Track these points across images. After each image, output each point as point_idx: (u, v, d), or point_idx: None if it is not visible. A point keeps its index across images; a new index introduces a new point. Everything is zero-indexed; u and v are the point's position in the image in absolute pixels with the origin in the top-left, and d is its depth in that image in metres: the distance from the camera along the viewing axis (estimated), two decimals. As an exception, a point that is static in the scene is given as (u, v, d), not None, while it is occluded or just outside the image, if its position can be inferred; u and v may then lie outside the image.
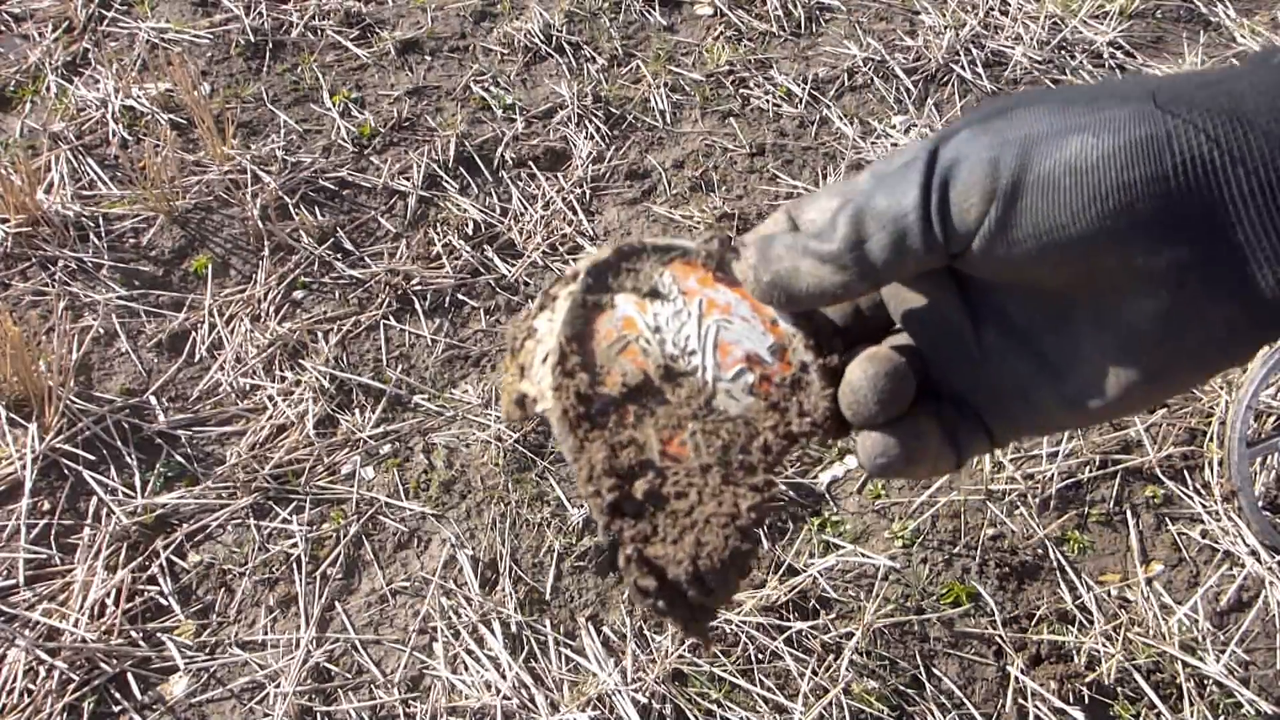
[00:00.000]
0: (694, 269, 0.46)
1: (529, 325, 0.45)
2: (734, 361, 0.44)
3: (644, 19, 2.57)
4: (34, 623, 1.45)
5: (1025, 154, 0.34)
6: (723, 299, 0.45)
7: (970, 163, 0.35)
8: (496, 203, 2.12)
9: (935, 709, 1.43)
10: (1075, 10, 2.62)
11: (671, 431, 0.43)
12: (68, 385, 1.72)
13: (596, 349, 0.44)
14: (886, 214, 0.37)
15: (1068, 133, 0.34)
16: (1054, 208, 0.34)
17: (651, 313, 0.45)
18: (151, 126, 2.20)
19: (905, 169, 0.37)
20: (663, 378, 0.43)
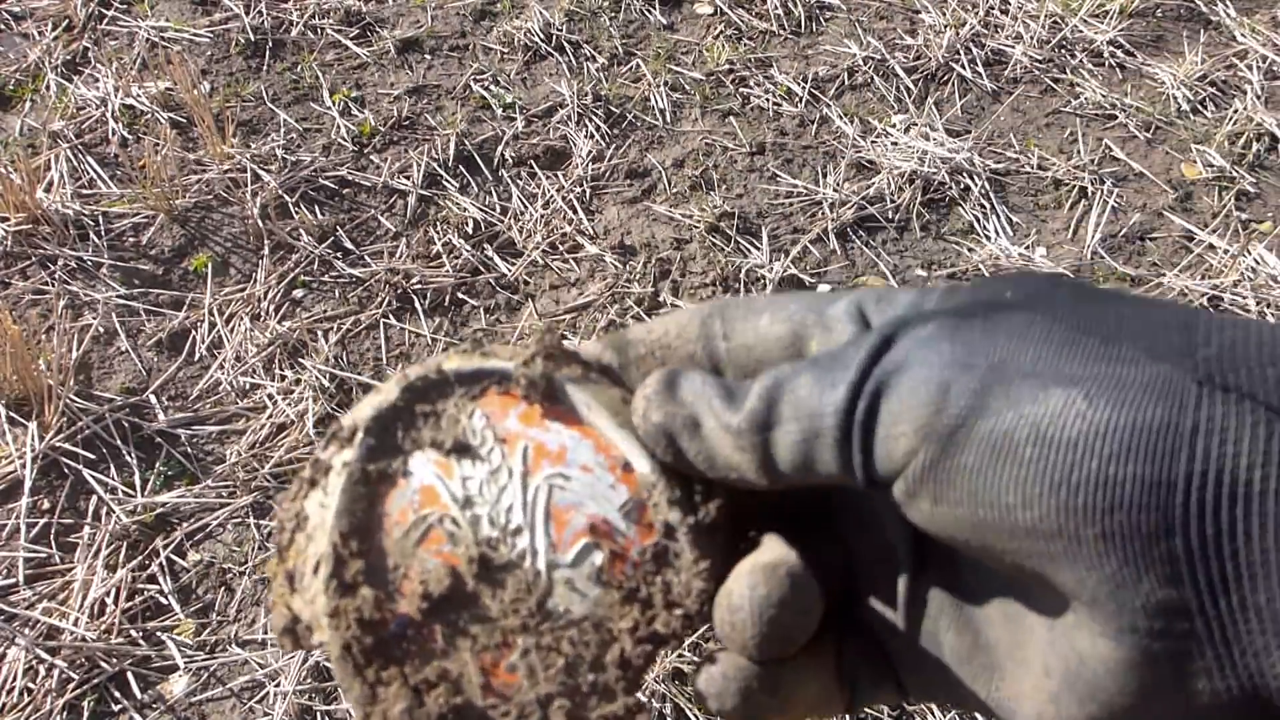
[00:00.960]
0: (513, 400, 0.34)
1: (298, 510, 0.34)
2: (574, 535, 0.33)
3: (644, 18, 2.57)
4: (34, 622, 1.45)
5: (985, 391, 0.26)
6: (555, 442, 0.34)
7: (914, 379, 0.27)
8: (496, 201, 2.12)
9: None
10: (1075, 9, 2.62)
11: (496, 653, 0.32)
12: (67, 384, 1.72)
13: (386, 543, 0.33)
14: (804, 405, 0.29)
15: (1053, 381, 0.25)
16: (1001, 479, 0.25)
17: (460, 476, 0.33)
18: (151, 125, 2.20)
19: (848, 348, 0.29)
20: (478, 575, 0.32)
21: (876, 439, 0.28)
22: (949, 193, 2.17)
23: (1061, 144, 2.32)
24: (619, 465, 0.33)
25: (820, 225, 2.08)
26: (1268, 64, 2.50)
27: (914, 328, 0.28)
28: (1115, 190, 2.21)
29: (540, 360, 0.35)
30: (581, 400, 0.34)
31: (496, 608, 0.32)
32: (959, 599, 0.31)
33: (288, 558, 0.34)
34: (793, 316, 0.33)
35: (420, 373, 0.35)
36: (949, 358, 0.27)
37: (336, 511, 0.33)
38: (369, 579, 0.32)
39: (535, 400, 0.34)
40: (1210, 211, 2.18)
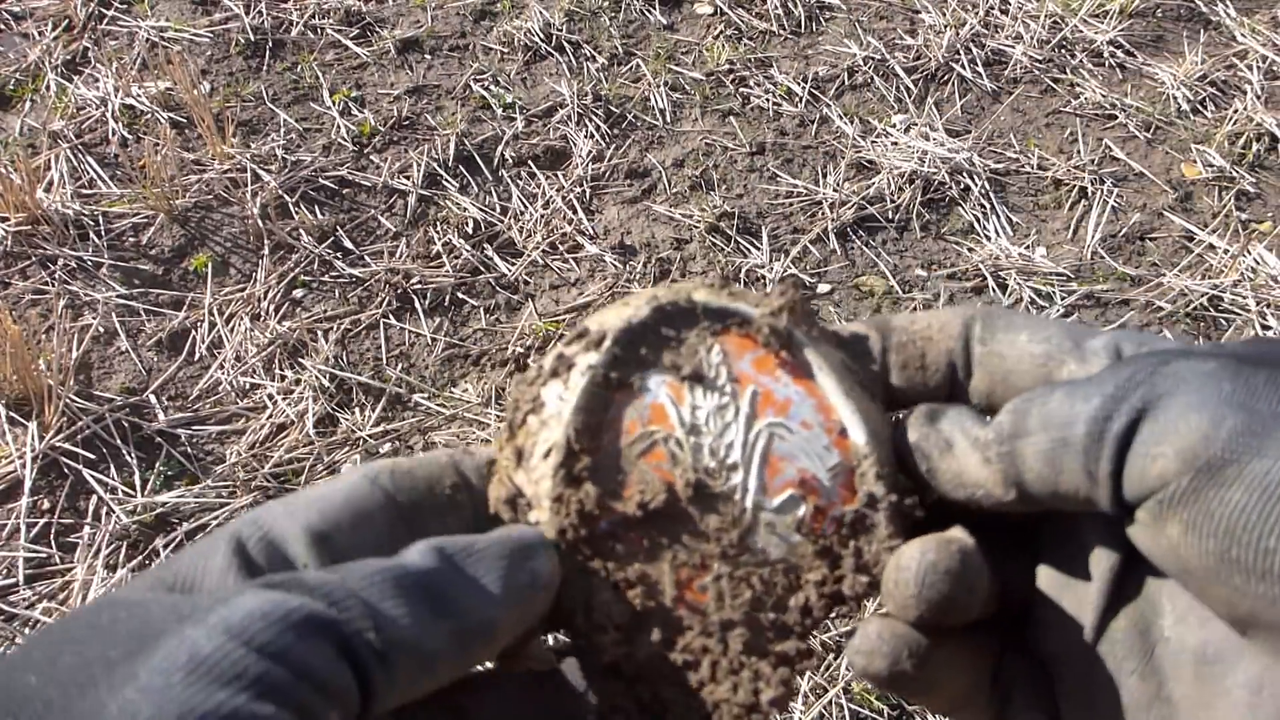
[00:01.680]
0: (752, 344, 0.36)
1: (535, 394, 0.36)
2: (783, 484, 0.35)
3: (644, 18, 2.57)
4: (34, 622, 1.45)
5: (1264, 434, 0.25)
6: (782, 393, 0.36)
7: (1186, 404, 0.26)
8: (496, 201, 2.12)
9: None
10: (1075, 9, 2.62)
11: (693, 572, 0.34)
12: (67, 384, 1.72)
13: (614, 447, 0.35)
14: (1054, 416, 0.29)
15: None
16: (1268, 521, 0.24)
17: (689, 404, 0.35)
18: (151, 125, 2.20)
19: (1105, 372, 0.29)
20: (692, 498, 0.34)
21: (1132, 453, 0.27)
22: (949, 193, 2.17)
23: (1061, 144, 2.32)
24: (836, 430, 0.35)
25: (820, 225, 2.08)
26: (1268, 64, 2.50)
27: (1190, 360, 0.28)
28: (1115, 190, 2.21)
29: (787, 314, 0.36)
30: (815, 360, 0.36)
31: (701, 531, 0.34)
32: (1152, 661, 0.30)
33: (518, 435, 0.36)
34: (1050, 339, 0.33)
35: (671, 297, 0.37)
36: (1228, 394, 0.26)
37: (575, 407, 0.35)
38: (593, 476, 0.34)
39: (773, 349, 0.36)
40: (1210, 211, 2.18)
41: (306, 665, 0.24)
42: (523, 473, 0.35)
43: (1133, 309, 1.98)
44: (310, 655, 0.24)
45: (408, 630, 0.27)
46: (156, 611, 0.25)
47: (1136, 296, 2.00)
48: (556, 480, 0.34)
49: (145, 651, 0.23)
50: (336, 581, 0.26)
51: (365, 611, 0.26)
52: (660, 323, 0.36)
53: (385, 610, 0.26)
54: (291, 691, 0.24)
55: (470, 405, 1.77)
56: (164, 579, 0.28)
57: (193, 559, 0.29)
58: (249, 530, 0.30)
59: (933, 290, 2.00)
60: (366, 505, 0.32)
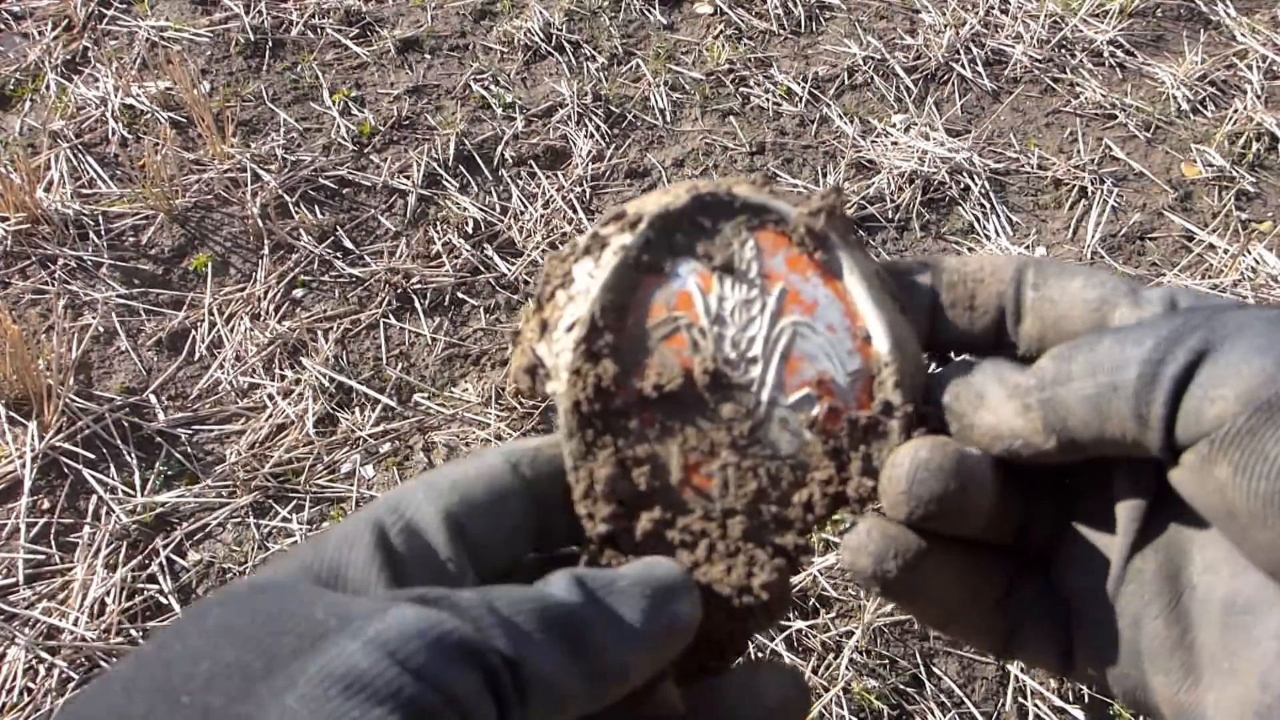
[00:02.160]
0: (786, 242, 0.36)
1: (566, 270, 0.37)
2: (801, 383, 0.35)
3: (644, 17, 2.57)
4: (34, 621, 1.45)
5: None
6: (810, 294, 0.36)
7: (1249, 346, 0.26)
8: (496, 201, 2.12)
9: (935, 707, 1.43)
10: (1075, 9, 2.62)
11: (701, 457, 0.35)
12: (67, 384, 1.72)
13: (637, 328, 0.35)
14: (1103, 360, 0.28)
15: None
16: None
17: (717, 294, 0.36)
18: (151, 125, 2.20)
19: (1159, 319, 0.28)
20: (708, 386, 0.35)
21: (1189, 395, 0.26)
22: (949, 192, 2.17)
23: (1061, 144, 2.32)
24: (861, 336, 0.35)
25: (820, 225, 2.08)
26: (1268, 64, 2.50)
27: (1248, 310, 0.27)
28: (1115, 190, 2.21)
29: (824, 216, 0.36)
30: (847, 264, 0.36)
31: (714, 419, 0.35)
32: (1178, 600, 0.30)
33: (545, 308, 0.37)
34: (1105, 285, 0.33)
35: (711, 188, 0.37)
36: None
37: (603, 285, 0.35)
38: (614, 353, 0.35)
39: (806, 249, 0.36)
40: (1210, 211, 2.18)
41: (455, 693, 0.25)
42: (545, 344, 0.36)
43: (1133, 309, 1.98)
44: (460, 684, 0.25)
45: (547, 669, 0.27)
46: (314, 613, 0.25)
47: (1136, 296, 2.00)
48: (577, 354, 0.35)
49: (303, 658, 0.24)
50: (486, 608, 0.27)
51: (511, 645, 0.26)
52: (697, 212, 0.36)
53: (529, 646, 0.27)
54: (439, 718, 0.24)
55: (470, 405, 1.77)
56: (310, 565, 0.29)
57: (337, 545, 0.29)
58: (390, 518, 0.30)
59: (933, 290, 2.00)
60: (504, 492, 0.33)
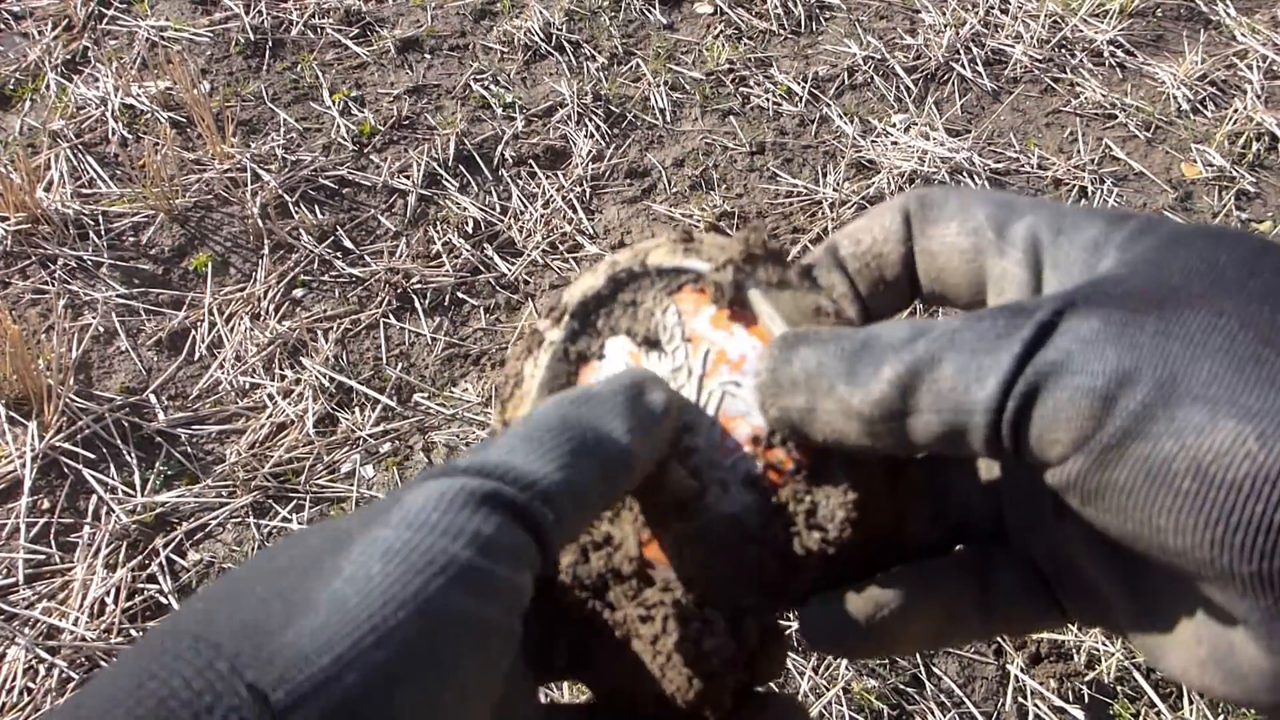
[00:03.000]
0: (706, 300, 0.36)
1: (517, 369, 0.39)
2: (737, 444, 0.34)
3: (644, 17, 2.57)
4: (34, 621, 1.45)
5: (1147, 413, 0.24)
6: (736, 349, 0.35)
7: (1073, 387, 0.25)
8: (496, 201, 2.12)
9: (935, 707, 1.43)
10: (1075, 9, 2.62)
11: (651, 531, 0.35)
12: (67, 384, 1.72)
13: None
14: (948, 398, 0.27)
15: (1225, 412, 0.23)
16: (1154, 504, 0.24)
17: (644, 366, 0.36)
18: (151, 125, 2.20)
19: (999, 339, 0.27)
20: None
21: (1030, 436, 0.26)
22: (949, 192, 2.17)
23: (1061, 144, 2.32)
24: None
25: (820, 225, 2.08)
26: (1268, 64, 2.50)
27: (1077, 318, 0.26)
28: (1115, 190, 2.21)
29: (732, 268, 0.36)
30: (766, 310, 0.35)
31: (660, 493, 0.34)
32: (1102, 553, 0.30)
33: (506, 409, 0.39)
34: (976, 230, 0.33)
35: (626, 263, 0.38)
36: (1113, 366, 0.25)
37: (540, 382, 0.37)
38: None
39: (723, 304, 0.35)
40: (1210, 211, 2.18)
41: (489, 540, 0.26)
42: None
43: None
44: (489, 529, 0.26)
45: (560, 475, 0.29)
46: (345, 523, 0.27)
47: (1136, 296, 2.00)
48: None
49: (345, 551, 0.26)
50: (485, 455, 0.29)
51: (521, 473, 0.28)
52: (616, 291, 0.37)
53: (536, 467, 0.28)
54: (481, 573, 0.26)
55: (470, 405, 1.77)
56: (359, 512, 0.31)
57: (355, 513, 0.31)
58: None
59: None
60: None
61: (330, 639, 0.24)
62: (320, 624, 0.24)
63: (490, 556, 0.26)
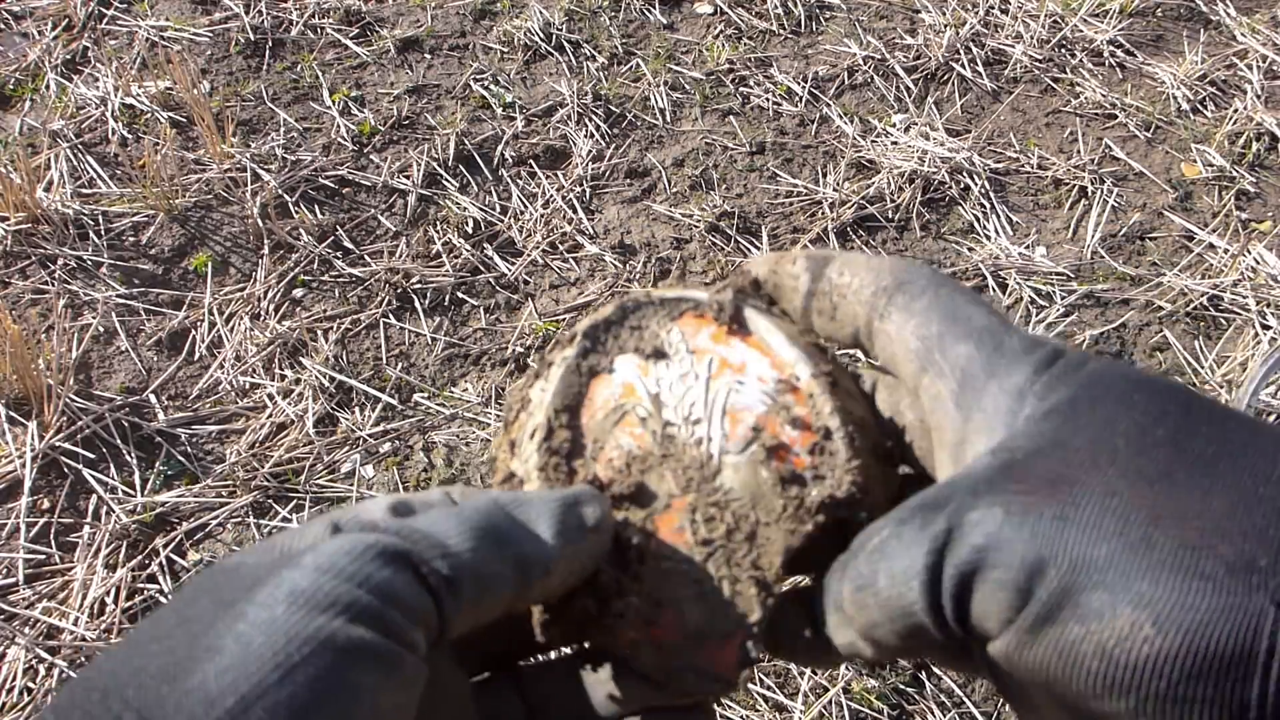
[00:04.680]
0: (706, 322, 0.41)
1: (524, 395, 0.41)
2: (745, 431, 0.38)
3: (644, 17, 2.57)
4: (34, 621, 1.45)
5: (1056, 603, 0.26)
6: (738, 357, 0.40)
7: (994, 583, 0.27)
8: (496, 201, 2.12)
9: (935, 708, 1.43)
10: (1075, 9, 2.62)
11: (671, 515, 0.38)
12: (67, 384, 1.72)
13: (590, 422, 0.39)
14: (892, 604, 0.30)
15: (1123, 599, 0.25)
16: (1073, 680, 0.26)
17: (654, 377, 0.40)
18: (151, 124, 2.20)
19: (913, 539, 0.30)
20: (663, 454, 0.38)
21: (971, 622, 0.29)
22: (949, 192, 2.17)
23: (1061, 144, 2.32)
24: (790, 379, 0.39)
25: (820, 225, 2.08)
26: (1268, 64, 2.50)
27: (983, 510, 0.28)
28: (1115, 190, 2.21)
29: (731, 291, 0.41)
30: (763, 325, 0.40)
31: (675, 479, 0.38)
32: None
33: (512, 430, 0.41)
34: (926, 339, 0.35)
35: (634, 296, 0.42)
36: (1019, 559, 0.27)
37: (553, 393, 0.40)
38: (573, 446, 0.39)
39: (724, 322, 0.40)
40: (1210, 211, 2.18)
41: (390, 590, 0.28)
42: (516, 460, 0.40)
43: (1133, 308, 1.98)
44: (392, 582, 0.28)
45: (470, 558, 0.30)
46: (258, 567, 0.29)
47: (1136, 296, 2.00)
48: (541, 453, 0.39)
49: (251, 593, 0.27)
50: (407, 523, 0.31)
51: (434, 544, 0.30)
52: (624, 316, 0.41)
53: (450, 543, 0.30)
54: (380, 614, 0.27)
55: (470, 405, 1.77)
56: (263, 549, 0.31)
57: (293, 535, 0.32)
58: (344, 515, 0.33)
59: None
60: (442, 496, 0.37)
61: (235, 680, 0.25)
62: (226, 665, 0.25)
63: (391, 605, 0.28)
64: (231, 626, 0.26)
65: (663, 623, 0.36)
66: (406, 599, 0.28)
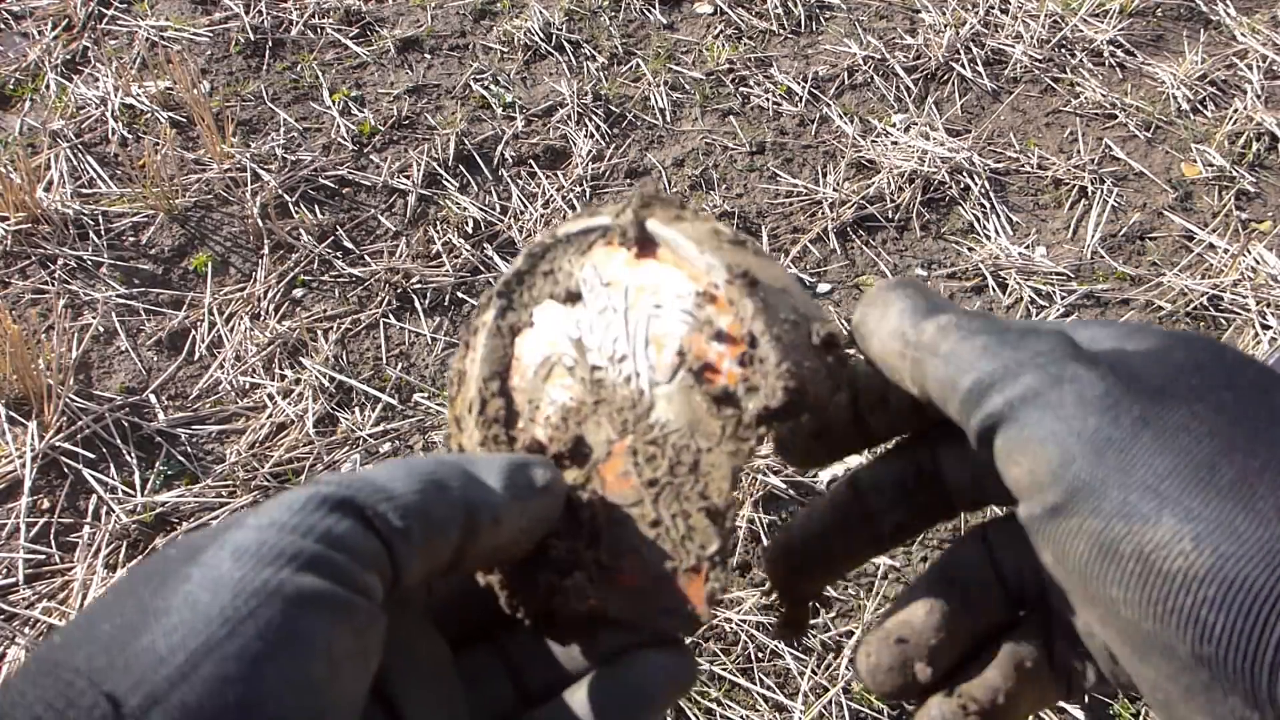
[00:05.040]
0: (615, 249, 0.38)
1: (459, 370, 0.40)
2: (671, 358, 0.36)
3: (644, 17, 2.57)
4: (34, 621, 1.45)
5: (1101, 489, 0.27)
6: (651, 279, 0.37)
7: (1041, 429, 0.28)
8: (496, 201, 2.12)
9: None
10: (1075, 9, 2.62)
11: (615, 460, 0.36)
12: (67, 383, 1.72)
13: (521, 383, 0.38)
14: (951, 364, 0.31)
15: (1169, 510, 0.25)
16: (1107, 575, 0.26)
17: (573, 320, 0.38)
18: (151, 124, 2.20)
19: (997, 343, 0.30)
20: (595, 400, 0.37)
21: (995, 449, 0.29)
22: (949, 192, 2.17)
23: (1061, 144, 2.32)
24: (708, 289, 0.36)
25: (820, 225, 2.08)
26: (1268, 64, 2.50)
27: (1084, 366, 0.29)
28: (1115, 190, 2.21)
29: (631, 211, 0.38)
30: (671, 238, 0.37)
31: (610, 423, 0.36)
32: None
33: (455, 407, 0.40)
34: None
35: (540, 239, 0.40)
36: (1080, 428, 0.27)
37: (479, 360, 0.39)
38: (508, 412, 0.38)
39: (632, 245, 0.38)
40: (1210, 211, 2.18)
41: (338, 537, 0.28)
42: (463, 435, 0.39)
43: (1133, 308, 1.98)
44: (339, 529, 0.28)
45: (418, 500, 0.30)
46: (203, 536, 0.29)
47: (1136, 296, 2.00)
48: (480, 427, 0.38)
49: (196, 556, 0.27)
50: (352, 474, 0.30)
51: (378, 490, 0.30)
52: (534, 265, 0.40)
53: (397, 488, 0.30)
54: (329, 561, 0.27)
55: (470, 405, 1.77)
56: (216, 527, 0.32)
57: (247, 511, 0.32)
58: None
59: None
60: None
61: (184, 637, 0.25)
62: (173, 625, 0.25)
63: (341, 552, 0.28)
64: (177, 589, 0.26)
65: (627, 569, 0.36)
66: (355, 544, 0.28)
